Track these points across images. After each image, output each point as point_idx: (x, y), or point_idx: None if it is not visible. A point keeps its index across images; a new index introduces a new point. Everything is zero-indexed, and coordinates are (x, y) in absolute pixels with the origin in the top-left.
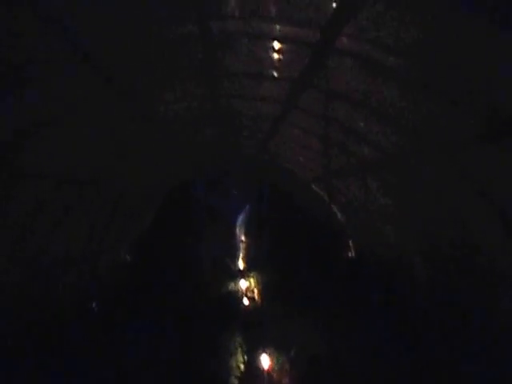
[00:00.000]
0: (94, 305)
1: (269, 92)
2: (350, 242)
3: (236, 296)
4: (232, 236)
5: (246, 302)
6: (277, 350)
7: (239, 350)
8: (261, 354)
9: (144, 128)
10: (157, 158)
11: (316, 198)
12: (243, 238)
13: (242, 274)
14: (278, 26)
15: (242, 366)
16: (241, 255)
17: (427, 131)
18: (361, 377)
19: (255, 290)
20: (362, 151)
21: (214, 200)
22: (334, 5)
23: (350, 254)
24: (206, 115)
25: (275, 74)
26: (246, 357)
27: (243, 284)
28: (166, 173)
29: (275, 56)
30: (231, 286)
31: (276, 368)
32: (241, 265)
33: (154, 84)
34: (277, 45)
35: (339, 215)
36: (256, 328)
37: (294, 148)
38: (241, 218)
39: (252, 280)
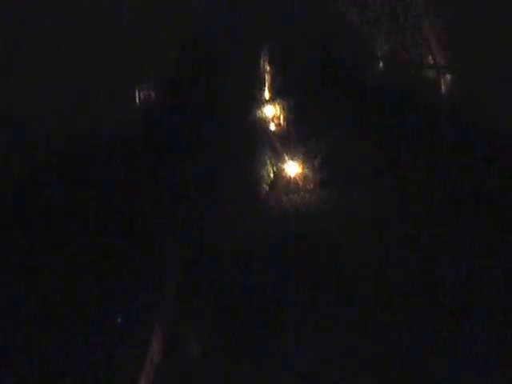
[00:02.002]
0: None
1: None
2: (373, 56)
3: (263, 122)
4: (257, 66)
5: (272, 127)
6: (302, 161)
7: (268, 162)
8: (288, 164)
9: None
10: None
11: (341, 15)
12: (268, 67)
13: (268, 102)
14: None
15: (271, 175)
16: (266, 84)
17: None
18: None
19: (281, 117)
20: None
21: (237, 31)
22: None
23: (374, 72)
24: None
25: None
26: (275, 167)
27: (270, 111)
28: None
29: None
30: (258, 113)
31: (302, 175)
32: (266, 94)
33: None
34: None
35: (364, 32)
36: (283, 145)
37: None
38: (265, 47)
39: (278, 107)
